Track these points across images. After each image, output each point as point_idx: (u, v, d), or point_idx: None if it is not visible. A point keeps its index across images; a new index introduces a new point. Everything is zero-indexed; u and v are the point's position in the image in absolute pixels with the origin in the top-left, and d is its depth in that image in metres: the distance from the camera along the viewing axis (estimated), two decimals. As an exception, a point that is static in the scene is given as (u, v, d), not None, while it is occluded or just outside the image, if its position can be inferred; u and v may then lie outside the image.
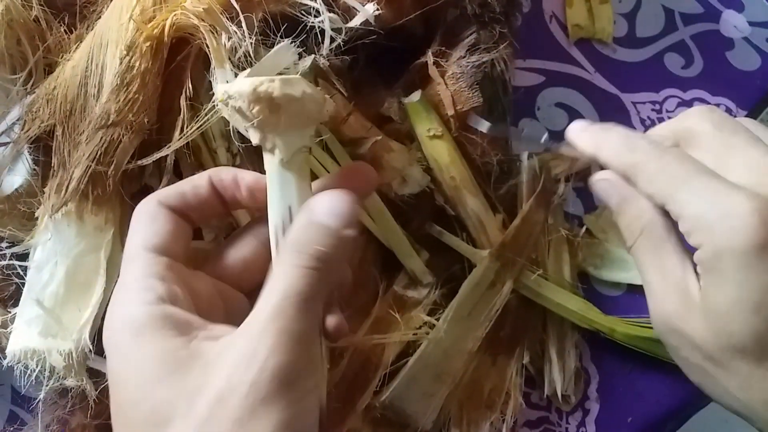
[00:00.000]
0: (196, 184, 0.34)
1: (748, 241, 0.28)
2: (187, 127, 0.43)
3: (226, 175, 0.34)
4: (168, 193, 0.34)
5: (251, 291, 0.33)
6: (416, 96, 0.53)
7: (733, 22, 0.68)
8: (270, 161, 0.33)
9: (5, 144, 0.44)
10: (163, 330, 0.28)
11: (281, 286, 0.29)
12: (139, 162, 0.43)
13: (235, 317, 0.31)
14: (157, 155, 0.43)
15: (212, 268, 0.34)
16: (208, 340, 0.29)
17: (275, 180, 0.32)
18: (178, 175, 0.46)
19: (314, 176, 0.35)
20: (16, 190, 0.44)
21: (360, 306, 0.49)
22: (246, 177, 0.34)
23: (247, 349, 0.27)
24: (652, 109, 0.64)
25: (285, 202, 0.32)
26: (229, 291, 0.34)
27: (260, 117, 0.31)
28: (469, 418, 0.50)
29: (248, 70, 0.35)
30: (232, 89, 0.31)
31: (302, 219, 0.31)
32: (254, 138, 0.32)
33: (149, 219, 0.33)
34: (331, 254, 0.30)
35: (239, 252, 0.34)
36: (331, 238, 0.30)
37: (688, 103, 0.64)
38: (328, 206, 0.31)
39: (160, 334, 0.28)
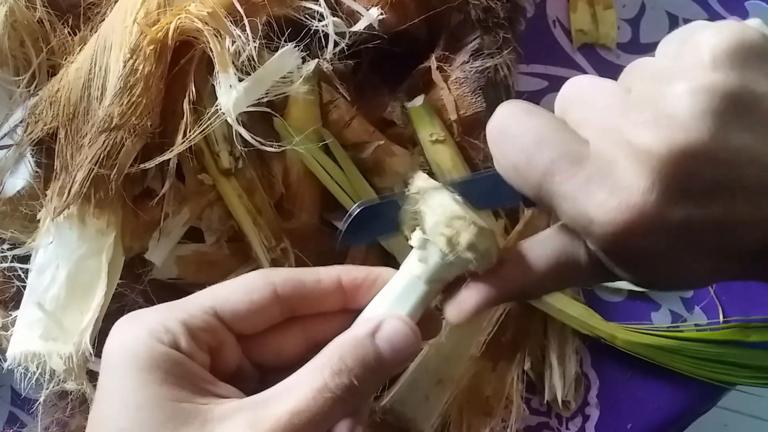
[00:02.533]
0: (321, 277, 0.32)
1: (628, 255, 0.27)
2: (190, 131, 0.43)
3: (359, 273, 0.33)
4: (286, 278, 0.31)
5: (268, 369, 0.32)
6: (419, 100, 0.53)
7: (736, 29, 0.68)
8: (412, 266, 0.32)
9: (8, 146, 0.44)
10: (170, 376, 0.28)
11: (305, 396, 0.28)
12: (142, 165, 0.43)
13: (240, 383, 0.30)
14: (159, 159, 0.42)
15: (247, 344, 0.33)
16: (214, 398, 0.28)
17: (402, 284, 0.31)
18: (181, 178, 0.46)
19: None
20: (19, 192, 0.44)
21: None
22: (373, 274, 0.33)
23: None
24: (655, 115, 0.64)
25: (393, 308, 0.31)
26: (245, 363, 0.33)
27: (438, 238, 0.30)
28: (470, 423, 0.50)
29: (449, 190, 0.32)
30: (430, 196, 0.31)
31: (364, 329, 0.30)
32: (417, 239, 0.31)
33: (245, 290, 0.31)
34: (364, 390, 0.29)
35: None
36: (374, 373, 0.29)
37: (691, 110, 0.64)
38: (393, 335, 0.30)
39: (166, 379, 0.28)
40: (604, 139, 0.27)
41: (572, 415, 0.54)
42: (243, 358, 0.32)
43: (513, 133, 0.29)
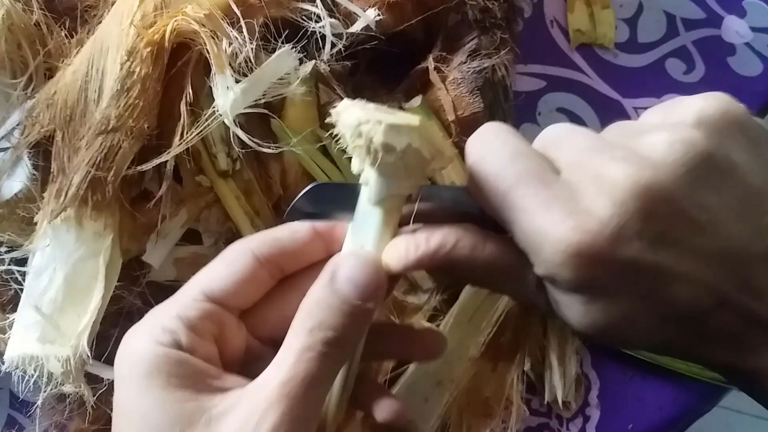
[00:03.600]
0: (295, 228, 0.32)
1: (570, 278, 0.26)
2: (187, 133, 0.43)
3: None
4: (261, 239, 0.31)
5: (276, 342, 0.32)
6: (417, 101, 0.53)
7: (735, 28, 0.68)
8: (362, 193, 0.31)
9: (5, 149, 0.44)
10: (173, 377, 0.28)
11: (290, 364, 0.28)
12: (139, 167, 0.42)
13: (253, 367, 0.30)
14: (157, 161, 0.42)
15: (251, 322, 0.33)
16: (218, 392, 0.28)
17: (358, 214, 0.31)
18: (178, 180, 0.46)
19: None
20: (16, 195, 0.44)
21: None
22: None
23: (249, 420, 0.27)
24: (654, 115, 0.64)
25: (359, 239, 0.31)
26: (254, 343, 0.33)
27: (357, 152, 0.29)
28: (470, 425, 0.50)
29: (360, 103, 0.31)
30: (340, 115, 0.30)
31: (324, 278, 0.29)
32: (353, 165, 0.31)
33: (227, 263, 0.31)
34: (344, 336, 0.29)
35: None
36: (346, 317, 0.28)
37: (690, 109, 0.64)
38: (351, 273, 0.29)
39: (169, 381, 0.28)
40: (575, 169, 0.27)
41: (573, 415, 0.54)
42: (252, 339, 0.32)
43: (492, 144, 0.29)
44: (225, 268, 0.31)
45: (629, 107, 0.64)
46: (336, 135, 0.30)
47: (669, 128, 0.27)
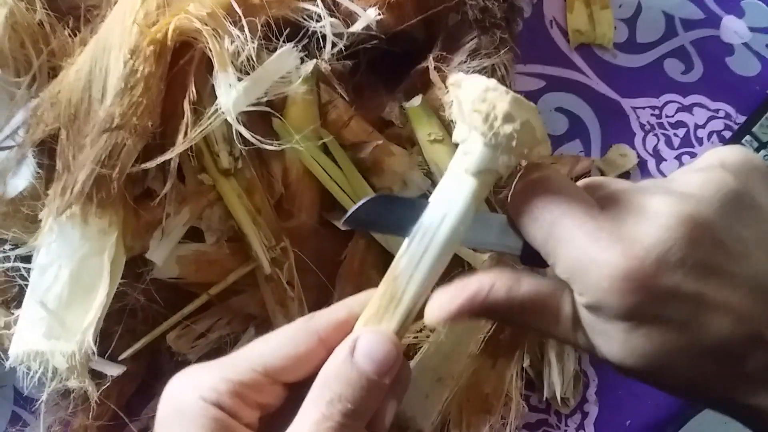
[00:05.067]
0: (353, 309, 0.32)
1: (617, 304, 0.26)
2: (190, 131, 0.43)
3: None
4: (327, 321, 0.31)
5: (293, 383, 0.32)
6: (417, 100, 0.53)
7: (733, 28, 0.69)
8: (458, 161, 0.30)
9: (10, 147, 0.45)
10: None
11: None
12: (143, 165, 0.43)
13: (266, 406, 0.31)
14: (160, 159, 0.43)
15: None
16: None
17: (450, 181, 0.30)
18: (181, 178, 0.47)
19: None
20: (21, 193, 0.44)
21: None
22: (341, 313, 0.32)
23: None
24: (652, 114, 0.64)
25: (444, 208, 0.30)
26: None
27: (474, 117, 0.29)
28: (469, 421, 0.50)
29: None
30: (465, 80, 0.30)
31: (343, 352, 0.30)
32: (459, 133, 0.31)
33: (294, 345, 0.31)
34: (361, 409, 0.29)
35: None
36: (364, 390, 0.29)
37: (688, 109, 0.65)
38: (369, 349, 0.30)
39: None
40: (618, 204, 0.29)
41: (571, 412, 0.54)
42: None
43: (540, 178, 0.30)
44: (291, 349, 0.31)
45: (628, 107, 0.64)
46: (449, 100, 0.30)
47: (699, 170, 0.29)
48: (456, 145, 0.31)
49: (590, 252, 0.27)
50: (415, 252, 0.30)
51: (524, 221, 0.30)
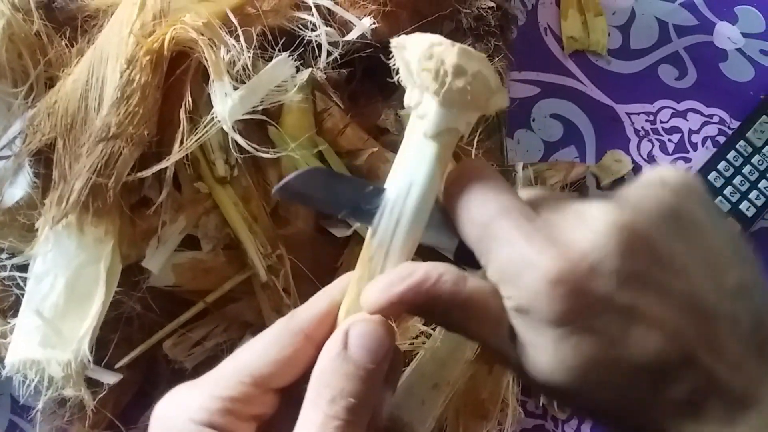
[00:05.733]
0: (335, 297, 0.31)
1: (547, 308, 0.25)
2: (186, 139, 0.44)
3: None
4: (316, 318, 0.30)
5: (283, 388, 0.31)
6: (412, 108, 0.53)
7: (726, 34, 0.69)
8: (414, 127, 0.29)
9: (7, 157, 0.45)
10: None
11: None
12: (139, 174, 0.43)
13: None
14: (156, 167, 0.43)
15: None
16: None
17: (410, 149, 0.29)
18: (177, 186, 0.47)
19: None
20: (17, 202, 0.44)
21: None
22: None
23: None
24: (647, 120, 0.64)
25: (408, 177, 0.28)
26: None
27: (424, 76, 0.27)
28: (466, 427, 0.50)
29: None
30: (408, 41, 0.28)
31: (335, 348, 0.29)
32: (410, 97, 0.29)
33: (279, 347, 0.30)
34: (364, 401, 0.28)
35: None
36: (363, 382, 0.28)
37: (682, 114, 0.65)
38: (362, 340, 0.28)
39: None
40: (555, 210, 0.28)
41: (568, 417, 0.54)
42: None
43: (478, 177, 0.29)
44: (277, 352, 0.30)
45: (622, 113, 0.64)
46: (393, 64, 0.29)
47: (638, 185, 0.28)
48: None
49: (524, 252, 0.26)
50: (387, 228, 0.29)
51: (460, 218, 0.29)
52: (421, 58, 0.27)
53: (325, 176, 0.30)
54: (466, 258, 0.29)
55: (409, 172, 0.29)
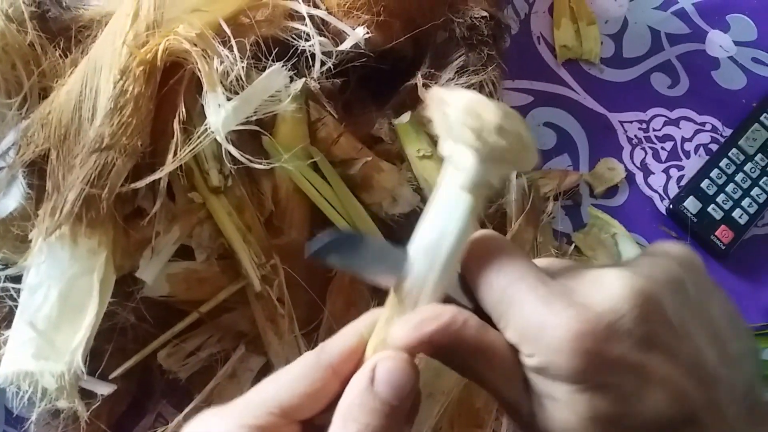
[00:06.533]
0: (362, 334, 0.31)
1: (565, 365, 0.27)
2: (180, 150, 0.44)
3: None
4: (338, 351, 0.31)
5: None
6: (406, 117, 0.53)
7: (718, 42, 0.69)
8: (449, 177, 0.30)
9: (0, 168, 0.45)
10: None
11: None
12: (133, 185, 0.43)
13: None
14: (150, 178, 0.43)
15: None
16: None
17: (444, 200, 0.30)
18: (171, 197, 0.47)
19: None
20: (11, 213, 0.44)
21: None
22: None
23: None
24: (639, 128, 0.65)
25: (442, 226, 0.30)
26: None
27: (465, 133, 0.29)
28: (461, 436, 0.50)
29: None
30: (449, 95, 0.29)
31: (362, 383, 0.29)
32: (447, 147, 0.30)
33: (307, 382, 0.30)
34: (391, 430, 0.29)
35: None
36: (388, 417, 0.29)
37: (675, 122, 0.65)
38: (389, 376, 0.29)
39: None
40: (570, 274, 0.30)
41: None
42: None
43: (501, 244, 0.30)
44: (306, 388, 0.30)
45: (615, 121, 0.65)
46: (432, 115, 0.30)
47: (648, 255, 0.31)
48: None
49: (542, 314, 0.27)
50: (419, 274, 0.30)
51: (478, 283, 0.30)
52: (462, 114, 0.28)
53: (354, 241, 0.31)
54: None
55: (443, 221, 0.30)
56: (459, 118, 0.29)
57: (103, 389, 0.44)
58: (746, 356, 0.29)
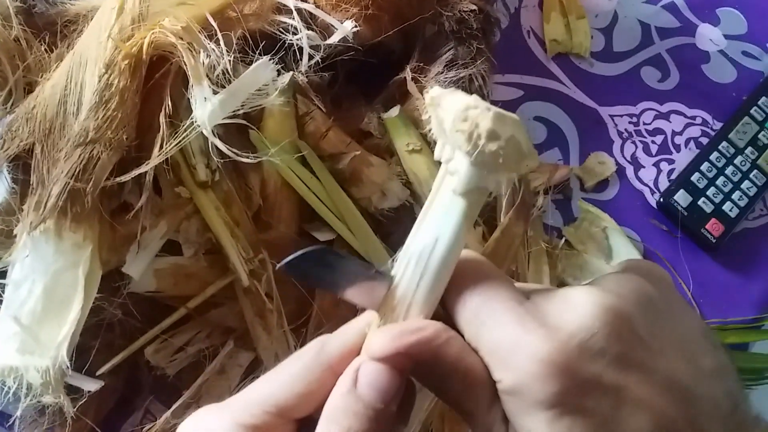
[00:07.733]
0: (361, 329, 0.30)
1: (539, 389, 0.26)
2: (166, 144, 0.43)
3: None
4: (337, 350, 0.30)
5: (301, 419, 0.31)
6: (395, 111, 0.53)
7: (708, 36, 0.70)
8: (444, 181, 0.30)
9: (-16, 163, 0.44)
10: None
11: None
12: (118, 179, 0.43)
13: None
14: (136, 172, 0.43)
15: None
16: None
17: (438, 204, 0.30)
18: (158, 191, 0.47)
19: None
20: (-5, 208, 0.44)
21: (342, 323, 0.50)
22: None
23: None
24: (630, 122, 0.65)
25: (435, 231, 0.29)
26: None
27: (457, 137, 0.28)
28: (451, 430, 0.50)
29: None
30: (443, 98, 0.29)
31: (345, 385, 0.29)
32: (443, 152, 0.30)
33: (304, 382, 0.30)
34: None
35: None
36: (372, 421, 0.28)
37: (665, 116, 0.65)
38: (372, 379, 0.28)
39: None
40: (542, 296, 0.29)
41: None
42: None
43: (470, 264, 0.30)
44: (304, 387, 0.30)
45: (605, 115, 0.65)
46: (428, 118, 0.30)
47: (618, 273, 0.30)
48: (438, 162, 0.30)
49: (514, 334, 0.27)
50: (411, 279, 0.29)
51: (451, 303, 0.29)
52: (455, 118, 0.28)
53: (329, 257, 0.30)
54: None
55: (436, 226, 0.29)
56: (452, 122, 0.28)
57: (90, 385, 0.43)
58: (722, 371, 0.29)
